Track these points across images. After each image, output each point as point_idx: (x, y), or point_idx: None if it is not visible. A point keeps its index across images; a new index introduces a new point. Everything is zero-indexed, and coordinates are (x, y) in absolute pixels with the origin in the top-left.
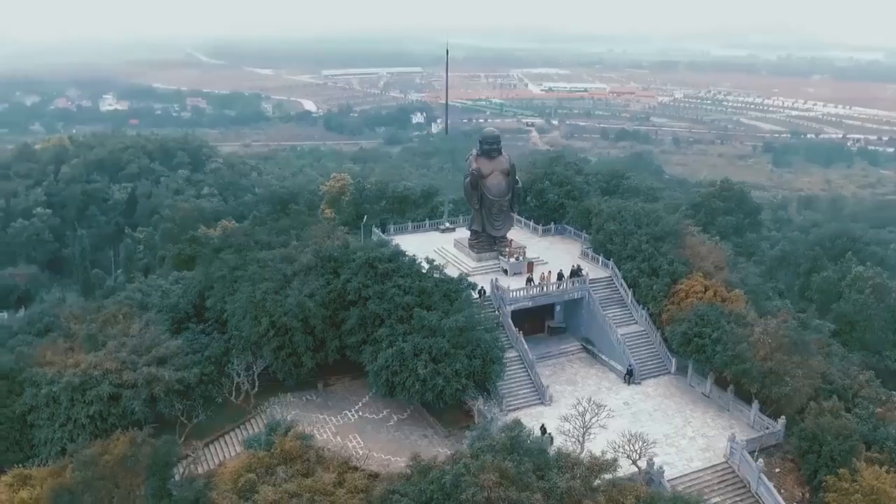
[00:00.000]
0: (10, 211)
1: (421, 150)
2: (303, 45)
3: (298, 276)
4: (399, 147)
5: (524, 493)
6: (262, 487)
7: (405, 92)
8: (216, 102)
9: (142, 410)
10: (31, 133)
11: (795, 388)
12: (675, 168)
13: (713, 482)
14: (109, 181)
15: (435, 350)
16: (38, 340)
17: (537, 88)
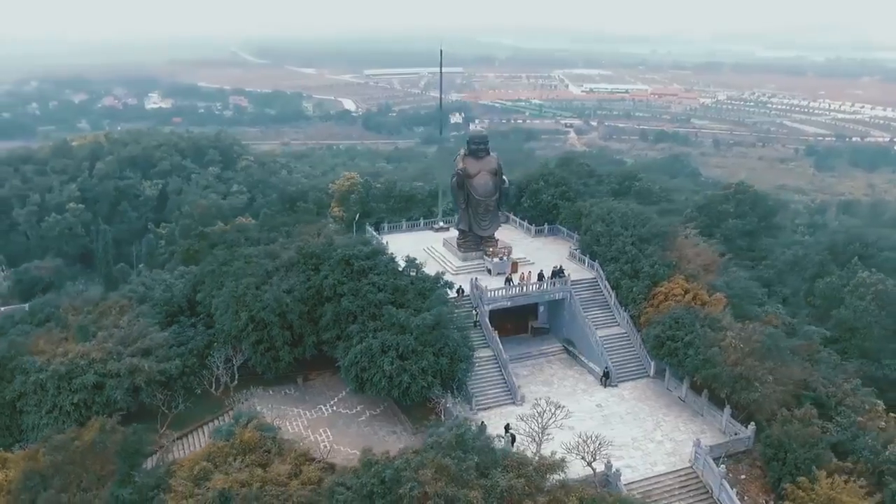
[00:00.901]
0: (44, 206)
1: (456, 150)
2: (346, 45)
3: (279, 271)
4: (435, 147)
5: (462, 489)
6: (214, 475)
7: (446, 92)
8: (258, 101)
9: (123, 399)
10: (78, 130)
11: (766, 394)
12: (714, 170)
13: (675, 487)
14: (142, 178)
15: (402, 347)
16: (36, 330)
17: (578, 89)
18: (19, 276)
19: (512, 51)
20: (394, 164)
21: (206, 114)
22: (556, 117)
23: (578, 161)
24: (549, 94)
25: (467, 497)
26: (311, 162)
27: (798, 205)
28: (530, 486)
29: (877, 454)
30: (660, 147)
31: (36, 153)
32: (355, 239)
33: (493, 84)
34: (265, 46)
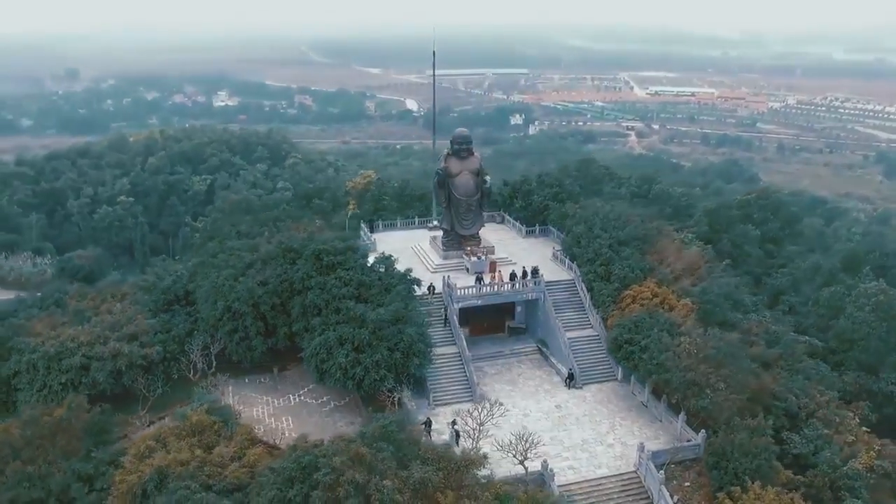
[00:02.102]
0: (96, 198)
1: (511, 152)
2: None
3: (256, 264)
4: (491, 148)
5: (376, 478)
6: (158, 453)
7: (508, 93)
8: (322, 100)
9: (106, 381)
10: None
11: (717, 401)
12: (775, 177)
13: (615, 490)
14: (192, 173)
15: (357, 340)
16: (39, 313)
17: (643, 91)
18: (62, 264)
19: (580, 52)
20: None
21: (271, 112)
22: (618, 120)
23: (598, 164)
24: (612, 97)
25: (378, 486)
26: (363, 161)
27: (860, 213)
28: (449, 479)
29: (834, 469)
30: (721, 152)
31: (93, 148)
32: (332, 235)
33: (557, 85)
34: (334, 46)
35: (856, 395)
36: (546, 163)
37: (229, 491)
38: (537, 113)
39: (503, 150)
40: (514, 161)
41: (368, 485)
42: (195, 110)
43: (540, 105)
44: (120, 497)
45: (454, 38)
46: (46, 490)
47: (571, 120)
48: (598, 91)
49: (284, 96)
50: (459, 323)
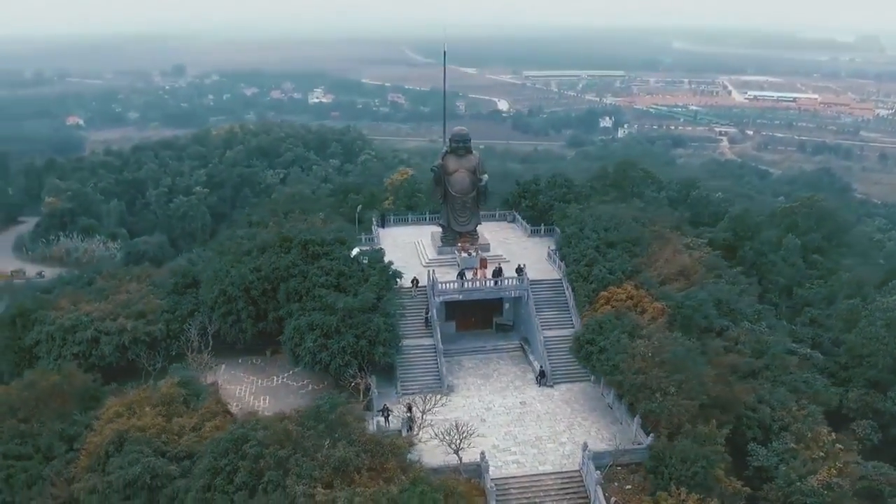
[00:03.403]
0: (174, 188)
1: (595, 155)
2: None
3: (253, 252)
4: (576, 150)
5: (297, 455)
6: (122, 419)
7: (601, 95)
8: (414, 98)
9: (112, 355)
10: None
11: (666, 406)
12: (872, 187)
13: (553, 487)
14: (267, 166)
15: (326, 327)
16: (72, 290)
17: (741, 96)
18: (129, 248)
19: (681, 54)
20: (527, 164)
21: (364, 109)
22: (710, 125)
23: (638, 167)
24: (708, 101)
25: (298, 461)
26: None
27: None
28: (373, 461)
29: (789, 483)
30: (817, 160)
31: (176, 141)
32: (333, 227)
33: (652, 89)
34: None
35: (861, 414)
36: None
37: (181, 458)
38: (628, 116)
39: (587, 152)
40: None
41: (289, 460)
42: (291, 106)
43: (632, 108)
44: (87, 456)
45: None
46: (35, 447)
47: (662, 124)
48: (694, 95)
49: (378, 94)
50: (447, 317)
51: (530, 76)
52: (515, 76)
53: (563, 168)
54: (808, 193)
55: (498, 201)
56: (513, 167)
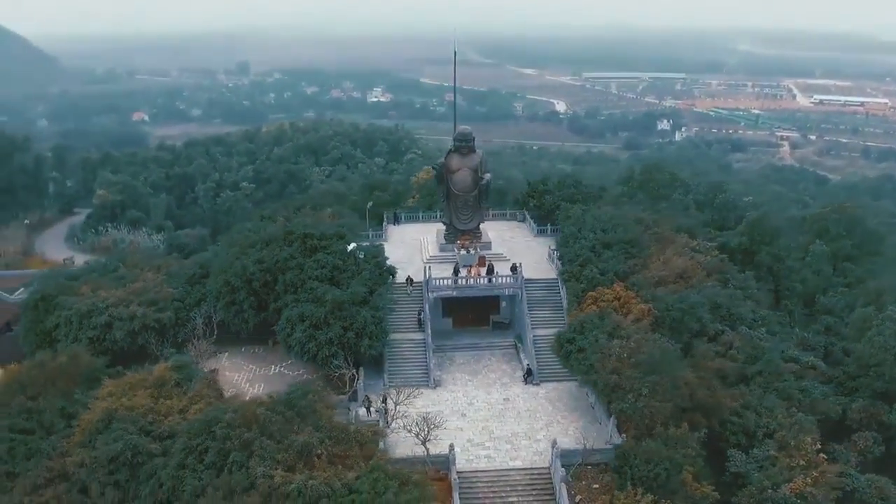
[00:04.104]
0: (221, 183)
1: (648, 158)
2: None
3: (258, 244)
4: (629, 153)
5: (262, 438)
6: (113, 398)
7: (661, 98)
8: (472, 99)
9: (124, 340)
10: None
11: (637, 407)
12: None
13: (521, 483)
14: (314, 164)
15: (315, 318)
16: (96, 277)
17: (806, 100)
18: (170, 241)
19: (746, 56)
20: (578, 166)
21: (421, 109)
22: (772, 129)
23: (664, 169)
24: (770, 104)
25: (262, 443)
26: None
27: None
28: (338, 448)
29: (761, 491)
30: (882, 167)
31: (227, 137)
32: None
33: (714, 91)
34: (493, 46)
35: (866, 425)
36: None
37: (164, 437)
38: (687, 119)
39: (641, 155)
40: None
41: (254, 442)
42: (349, 105)
43: (692, 111)
44: (80, 432)
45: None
46: (39, 422)
47: (722, 127)
48: (756, 98)
49: (436, 94)
50: (444, 314)
51: (590, 77)
52: (575, 77)
53: (612, 171)
54: (865, 200)
55: (512, 201)
56: (562, 168)
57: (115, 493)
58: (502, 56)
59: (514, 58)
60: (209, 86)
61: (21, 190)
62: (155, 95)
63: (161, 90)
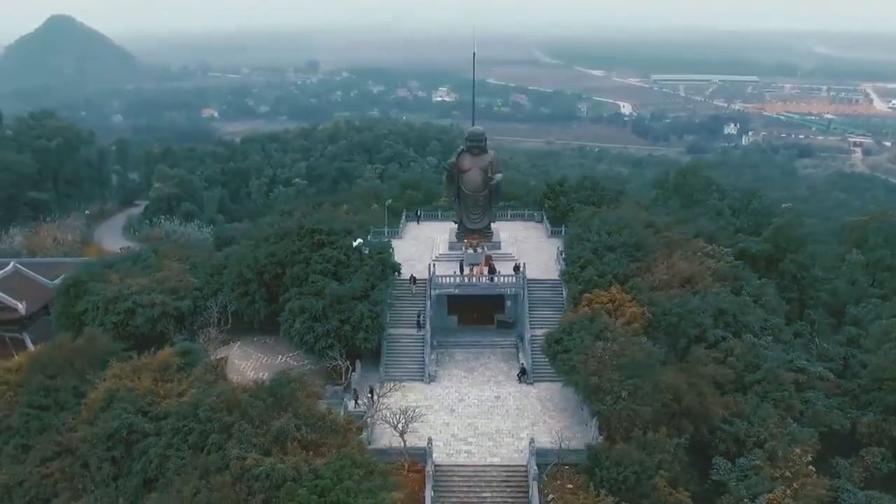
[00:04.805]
0: (275, 179)
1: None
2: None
3: (271, 238)
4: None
5: (241, 422)
6: (117, 379)
7: (730, 101)
8: (537, 99)
9: (144, 326)
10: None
11: (616, 409)
12: None
13: (497, 479)
14: (367, 161)
15: (314, 311)
16: (129, 265)
17: (884, 104)
18: (217, 233)
19: (822, 60)
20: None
21: (485, 109)
22: (845, 135)
23: (700, 174)
24: (845, 109)
25: (240, 426)
26: (548, 161)
27: None
28: (315, 436)
29: (739, 500)
30: None
31: (284, 134)
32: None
33: (786, 95)
34: (562, 47)
35: (876, 440)
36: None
37: (160, 418)
38: (756, 123)
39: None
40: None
41: (233, 426)
42: (414, 104)
43: (761, 115)
44: (86, 410)
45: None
46: (54, 400)
47: (792, 132)
48: (831, 103)
49: (501, 94)
50: (449, 311)
51: (658, 79)
52: (643, 79)
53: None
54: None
55: (531, 202)
56: (620, 171)
57: (110, 468)
58: (570, 57)
59: (583, 59)
60: (278, 83)
61: (85, 182)
62: (225, 92)
63: (231, 87)
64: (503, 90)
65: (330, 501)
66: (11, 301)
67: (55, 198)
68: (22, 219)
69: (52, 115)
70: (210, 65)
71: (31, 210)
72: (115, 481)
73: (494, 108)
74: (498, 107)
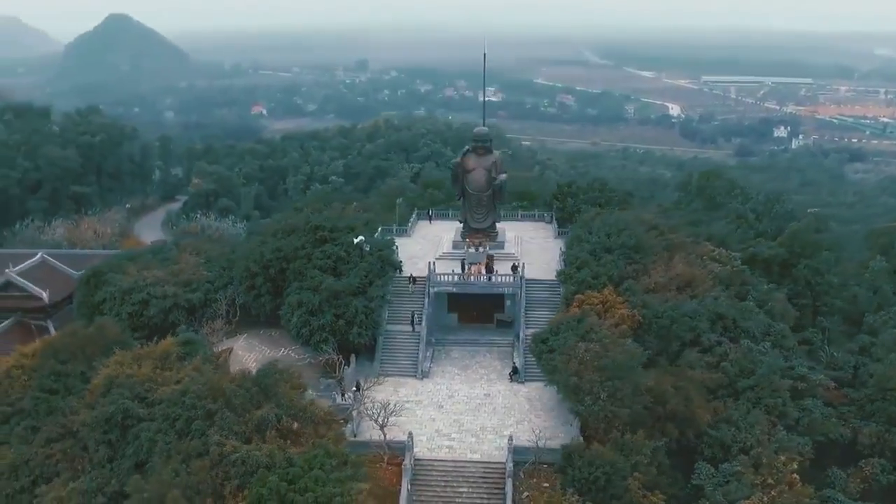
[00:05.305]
0: (312, 176)
1: (759, 166)
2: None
3: (279, 233)
4: (737, 160)
5: (224, 410)
6: (118, 366)
7: (782, 104)
8: (584, 100)
9: (156, 316)
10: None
11: (594, 410)
12: None
13: (475, 475)
14: (404, 160)
15: (311, 305)
16: (150, 258)
17: None
18: (250, 229)
19: (881, 62)
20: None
21: (531, 109)
22: None
23: (724, 178)
24: None
25: (223, 414)
26: (590, 163)
27: None
28: (296, 426)
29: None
30: None
31: (323, 132)
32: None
33: (842, 98)
34: (611, 48)
35: (877, 451)
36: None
37: (154, 404)
38: (807, 126)
39: (749, 163)
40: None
41: (217, 413)
42: (460, 104)
43: (813, 118)
44: (88, 395)
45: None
46: (64, 384)
47: (844, 136)
48: (888, 106)
49: (548, 95)
50: (450, 309)
51: (709, 81)
52: (693, 81)
53: None
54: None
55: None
56: (662, 173)
57: (106, 451)
58: (620, 58)
59: (633, 60)
60: (327, 82)
61: (127, 176)
62: (275, 90)
63: (281, 85)
64: (550, 90)
65: (298, 488)
66: (36, 290)
67: (97, 192)
68: (65, 212)
69: (98, 112)
70: (262, 63)
71: (73, 203)
72: (111, 463)
73: (541, 109)
74: (544, 107)
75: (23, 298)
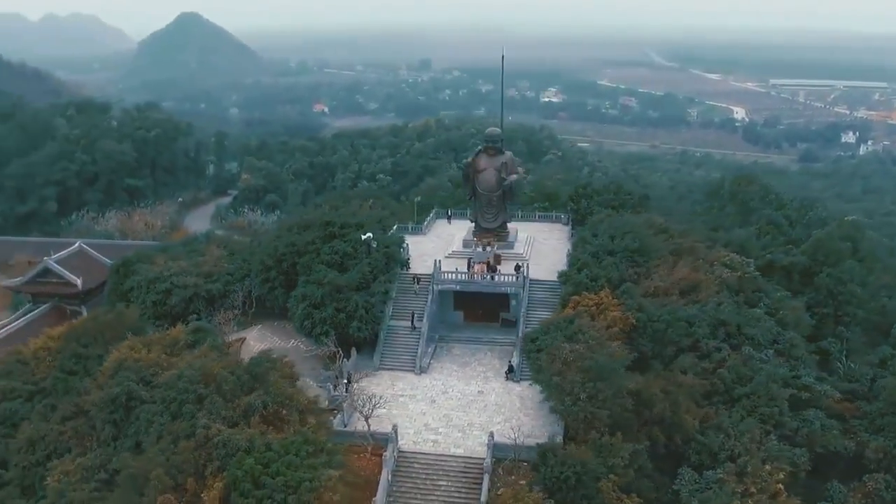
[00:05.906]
0: (360, 173)
1: (821, 173)
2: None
3: (294, 228)
4: (798, 166)
5: (214, 395)
6: (128, 350)
7: (853, 108)
8: (646, 102)
9: (178, 305)
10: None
11: (574, 410)
12: None
13: (455, 469)
14: (452, 160)
15: (314, 298)
16: (178, 249)
17: None
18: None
19: None
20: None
21: (592, 111)
22: None
23: (756, 184)
24: None
25: (212, 398)
26: (644, 165)
27: None
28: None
29: None
30: None
31: (374, 131)
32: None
33: None
34: (677, 50)
35: (884, 467)
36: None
37: (156, 387)
38: (877, 132)
39: (812, 168)
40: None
41: (207, 398)
42: (521, 104)
43: (885, 123)
44: (100, 376)
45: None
46: (83, 366)
47: None
48: None
49: (610, 97)
50: (455, 307)
51: (776, 84)
52: (760, 84)
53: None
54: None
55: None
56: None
57: (111, 430)
58: (686, 59)
59: (699, 62)
60: (389, 81)
61: (181, 171)
62: (338, 88)
63: (344, 83)
64: (612, 92)
65: (271, 472)
66: (71, 276)
67: (151, 185)
68: (119, 203)
69: (156, 108)
70: (327, 61)
71: (127, 196)
72: (115, 442)
73: (602, 111)
74: (606, 109)
75: (59, 285)
